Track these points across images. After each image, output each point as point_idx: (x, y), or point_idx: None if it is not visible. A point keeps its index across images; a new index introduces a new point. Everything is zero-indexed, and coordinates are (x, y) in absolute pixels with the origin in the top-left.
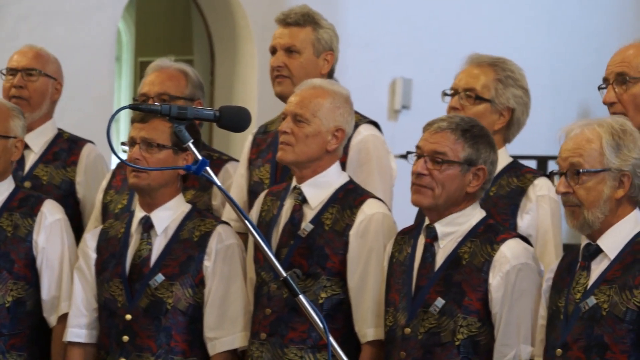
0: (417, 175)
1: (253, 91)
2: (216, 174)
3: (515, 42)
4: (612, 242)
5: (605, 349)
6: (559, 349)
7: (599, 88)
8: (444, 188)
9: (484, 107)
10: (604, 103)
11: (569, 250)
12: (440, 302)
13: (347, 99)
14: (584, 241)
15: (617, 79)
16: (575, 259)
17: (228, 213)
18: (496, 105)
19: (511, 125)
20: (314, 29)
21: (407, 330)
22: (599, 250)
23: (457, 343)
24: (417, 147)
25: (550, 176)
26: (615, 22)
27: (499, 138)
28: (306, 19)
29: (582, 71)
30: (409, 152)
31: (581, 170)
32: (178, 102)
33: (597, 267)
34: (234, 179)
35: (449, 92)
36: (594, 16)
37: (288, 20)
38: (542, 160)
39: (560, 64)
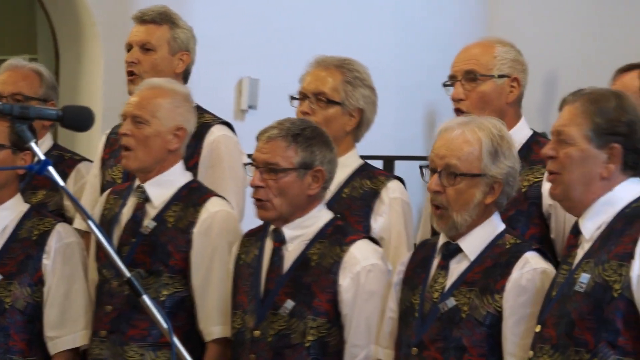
0: (254, 189)
1: (98, 91)
2: (68, 174)
3: (362, 42)
4: (473, 243)
5: (463, 351)
6: (414, 348)
7: (444, 85)
8: (283, 196)
9: (335, 110)
10: (452, 99)
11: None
12: (290, 304)
13: (187, 97)
14: (442, 239)
15: (465, 76)
16: (429, 255)
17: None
18: (347, 107)
19: (361, 125)
20: (170, 27)
21: (257, 332)
22: (458, 250)
23: (307, 344)
24: (252, 158)
25: (420, 169)
26: (460, 24)
27: (349, 139)
28: (163, 18)
29: (428, 72)
30: (246, 164)
31: (457, 173)
32: (32, 103)
33: (457, 267)
34: (88, 179)
35: (296, 96)
36: (439, 18)
37: (145, 18)
38: (389, 160)
39: (406, 64)
